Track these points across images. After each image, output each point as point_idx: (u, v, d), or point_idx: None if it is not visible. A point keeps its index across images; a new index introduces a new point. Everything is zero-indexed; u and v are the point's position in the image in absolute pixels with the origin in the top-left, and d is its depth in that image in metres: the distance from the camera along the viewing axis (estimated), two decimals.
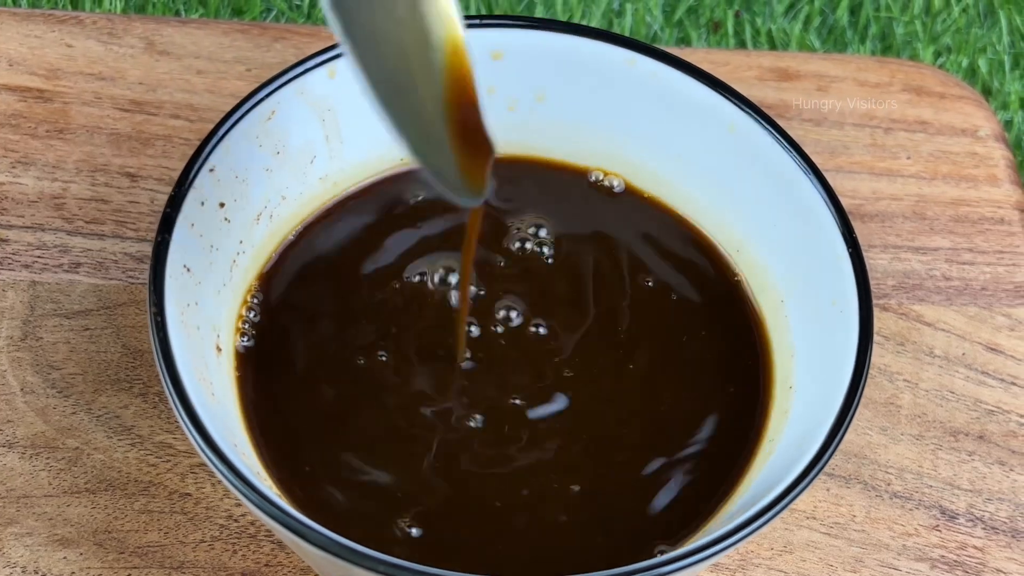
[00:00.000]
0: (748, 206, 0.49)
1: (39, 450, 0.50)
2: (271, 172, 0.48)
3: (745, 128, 0.49)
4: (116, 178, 0.56)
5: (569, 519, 0.44)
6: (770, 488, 0.42)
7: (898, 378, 0.54)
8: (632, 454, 0.46)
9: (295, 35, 0.60)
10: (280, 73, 0.48)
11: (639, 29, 0.71)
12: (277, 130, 0.48)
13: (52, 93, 0.58)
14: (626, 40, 0.50)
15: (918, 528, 0.51)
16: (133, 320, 0.53)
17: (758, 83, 0.61)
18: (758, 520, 0.41)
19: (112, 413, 0.51)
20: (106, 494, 0.49)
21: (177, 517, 0.49)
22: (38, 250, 0.54)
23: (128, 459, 0.50)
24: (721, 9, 0.72)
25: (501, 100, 0.51)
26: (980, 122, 0.61)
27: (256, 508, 0.40)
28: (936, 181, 0.59)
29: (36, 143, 0.57)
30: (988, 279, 0.57)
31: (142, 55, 0.59)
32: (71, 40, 0.59)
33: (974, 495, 0.52)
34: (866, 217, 0.58)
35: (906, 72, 0.62)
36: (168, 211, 0.44)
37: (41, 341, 0.52)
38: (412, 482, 0.45)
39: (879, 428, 0.53)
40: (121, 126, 0.57)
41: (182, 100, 0.58)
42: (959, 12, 0.73)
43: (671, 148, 0.50)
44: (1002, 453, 0.53)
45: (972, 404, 0.54)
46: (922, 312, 0.56)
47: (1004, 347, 0.55)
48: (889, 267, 0.57)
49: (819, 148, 0.59)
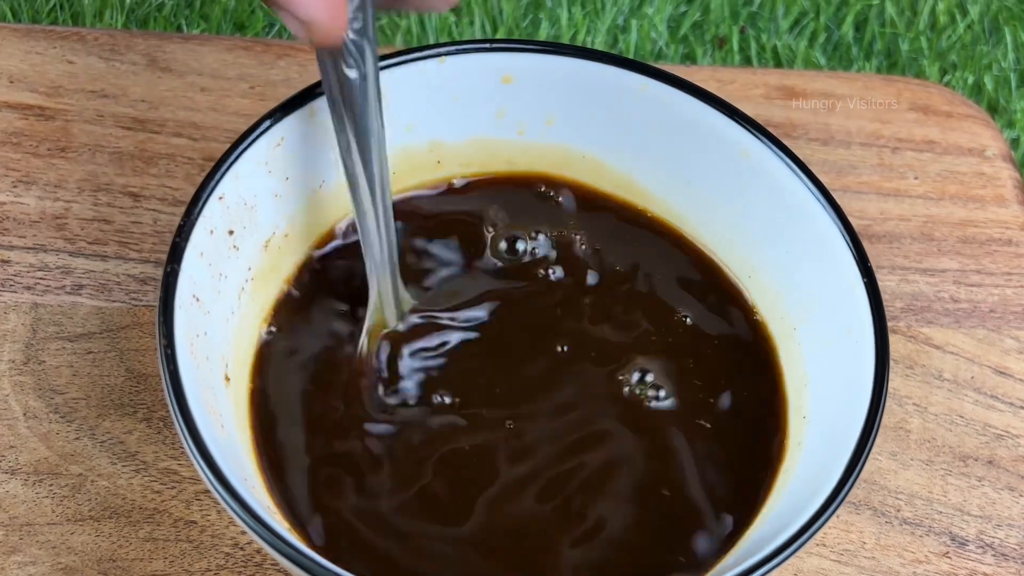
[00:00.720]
0: (760, 232, 0.49)
1: (42, 476, 0.49)
2: (280, 198, 0.48)
3: (758, 154, 0.48)
4: (119, 198, 0.55)
5: (582, 554, 0.44)
6: (787, 523, 0.41)
7: (907, 402, 0.54)
8: (644, 488, 0.45)
9: (299, 52, 0.60)
10: (290, 98, 0.47)
11: (644, 45, 0.70)
12: (287, 156, 0.47)
13: (54, 111, 0.57)
14: (638, 65, 0.49)
15: (928, 555, 0.50)
16: (137, 343, 0.52)
17: (765, 102, 0.60)
18: (777, 557, 0.40)
19: (116, 439, 0.50)
20: (110, 522, 0.48)
21: (182, 545, 0.48)
22: (40, 271, 0.53)
23: (132, 486, 0.49)
24: (726, 25, 0.72)
25: (511, 124, 0.50)
26: (987, 142, 0.61)
27: (268, 546, 0.40)
28: (944, 201, 0.59)
29: (38, 162, 0.56)
30: (996, 301, 0.57)
31: (144, 72, 0.58)
32: (72, 56, 0.59)
33: (984, 521, 0.51)
34: (874, 238, 0.58)
35: (913, 91, 0.62)
36: (177, 240, 0.44)
37: (44, 365, 0.51)
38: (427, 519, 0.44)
39: (889, 453, 0.53)
40: (124, 144, 0.57)
41: (185, 118, 0.57)
42: (964, 28, 0.73)
43: (683, 173, 0.50)
44: (1011, 479, 0.53)
45: (981, 428, 0.53)
46: (931, 335, 0.55)
47: (1013, 370, 0.55)
48: (897, 289, 0.56)
49: (826, 168, 0.59)
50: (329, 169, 0.49)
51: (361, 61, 0.44)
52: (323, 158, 0.49)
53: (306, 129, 0.48)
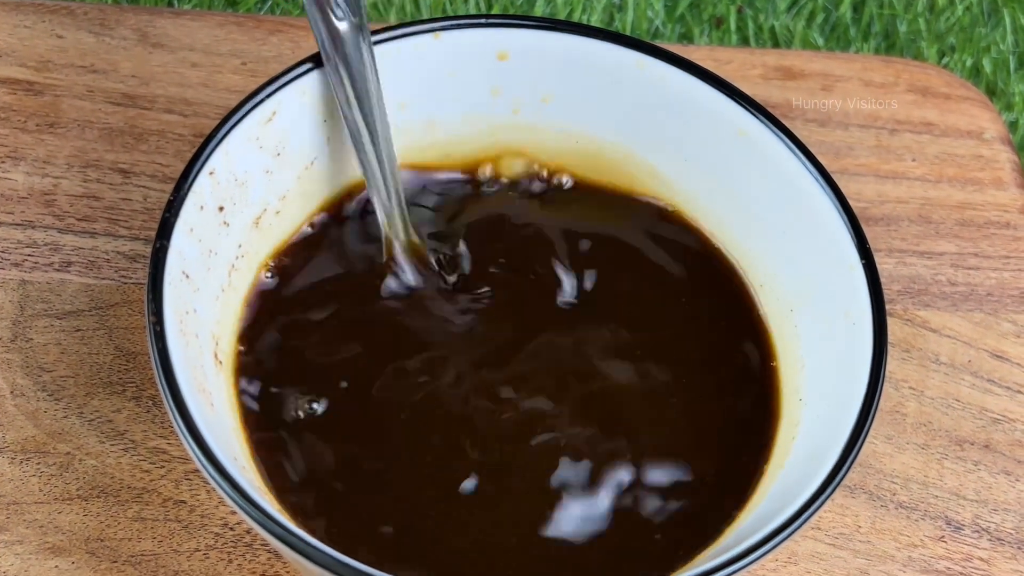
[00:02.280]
0: (756, 212, 0.48)
1: (29, 455, 0.49)
2: (271, 174, 0.47)
3: (755, 133, 0.48)
4: (108, 174, 0.55)
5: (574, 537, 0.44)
6: (782, 507, 0.41)
7: (903, 385, 0.53)
8: (637, 469, 0.45)
9: (291, 28, 0.59)
10: (281, 73, 0.47)
11: (641, 24, 0.70)
12: (278, 131, 0.47)
13: (42, 86, 0.56)
14: (635, 42, 0.49)
15: (923, 539, 0.50)
16: (126, 321, 0.51)
17: (762, 82, 0.60)
18: (772, 540, 0.40)
19: (105, 417, 0.49)
20: (98, 501, 0.48)
21: (171, 525, 0.48)
22: (28, 248, 0.53)
23: (121, 465, 0.49)
24: (724, 5, 0.71)
25: (506, 102, 0.50)
26: (986, 124, 0.60)
27: (258, 525, 0.39)
28: (942, 184, 0.59)
29: (26, 137, 0.55)
30: (994, 284, 0.56)
31: (135, 47, 0.58)
32: (62, 31, 0.58)
33: (980, 505, 0.51)
34: (871, 221, 0.57)
35: (911, 72, 0.61)
36: (167, 216, 0.43)
37: (31, 342, 0.51)
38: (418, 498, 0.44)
39: (884, 437, 0.52)
40: (114, 120, 0.56)
41: (176, 94, 0.57)
42: (963, 10, 0.72)
43: (679, 152, 0.49)
44: (1008, 463, 0.52)
45: (978, 412, 0.53)
46: (927, 318, 0.55)
47: (1010, 354, 0.55)
48: (894, 271, 0.56)
49: (824, 149, 0.59)
50: (321, 146, 0.48)
51: (349, 11, 0.44)
52: (315, 135, 0.48)
53: (298, 105, 0.47)
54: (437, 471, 0.44)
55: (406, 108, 0.49)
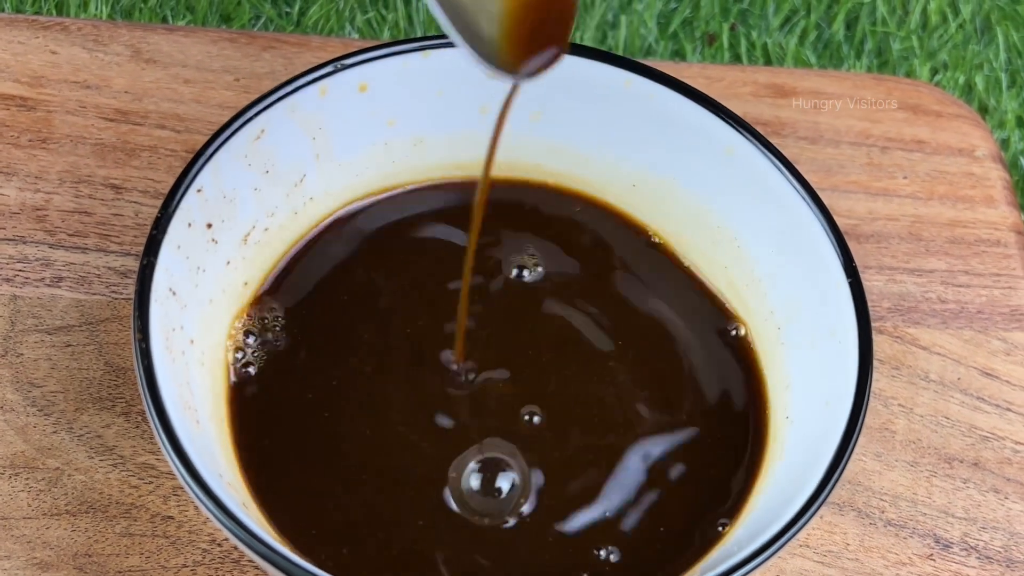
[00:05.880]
0: (743, 230, 0.49)
1: (19, 470, 0.49)
2: (259, 191, 0.47)
3: (743, 152, 0.48)
4: (100, 190, 0.55)
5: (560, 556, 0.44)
6: (769, 523, 0.41)
7: (893, 403, 0.53)
8: (624, 487, 0.45)
9: (284, 44, 0.59)
10: (271, 91, 0.47)
11: (633, 41, 0.70)
12: (267, 149, 0.47)
13: (35, 101, 0.57)
14: (623, 60, 0.49)
15: (912, 557, 0.50)
16: (116, 337, 0.52)
17: (753, 99, 0.60)
18: (759, 557, 0.40)
19: (94, 432, 0.50)
20: (87, 516, 0.48)
21: (159, 541, 0.48)
22: (20, 263, 0.53)
23: (110, 480, 0.49)
24: (716, 22, 0.71)
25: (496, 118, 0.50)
26: (977, 142, 0.60)
27: (242, 543, 0.39)
28: (932, 201, 0.59)
29: (19, 152, 0.55)
30: (984, 302, 0.56)
31: (128, 63, 0.58)
32: (56, 47, 0.58)
33: (968, 523, 0.51)
34: (861, 238, 0.57)
35: (903, 90, 0.61)
36: (154, 233, 0.43)
37: (22, 357, 0.51)
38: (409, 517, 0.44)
39: (873, 454, 0.52)
40: (106, 136, 0.56)
41: (168, 110, 0.57)
42: (956, 28, 0.72)
43: (667, 170, 0.50)
44: (997, 481, 0.52)
45: (967, 430, 0.53)
46: (917, 335, 0.55)
47: (999, 372, 0.55)
48: (884, 289, 0.56)
49: (815, 167, 0.59)
50: (310, 164, 0.48)
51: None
52: (303, 153, 0.48)
53: (287, 123, 0.47)
54: (433, 489, 0.44)
55: (395, 125, 0.49)
